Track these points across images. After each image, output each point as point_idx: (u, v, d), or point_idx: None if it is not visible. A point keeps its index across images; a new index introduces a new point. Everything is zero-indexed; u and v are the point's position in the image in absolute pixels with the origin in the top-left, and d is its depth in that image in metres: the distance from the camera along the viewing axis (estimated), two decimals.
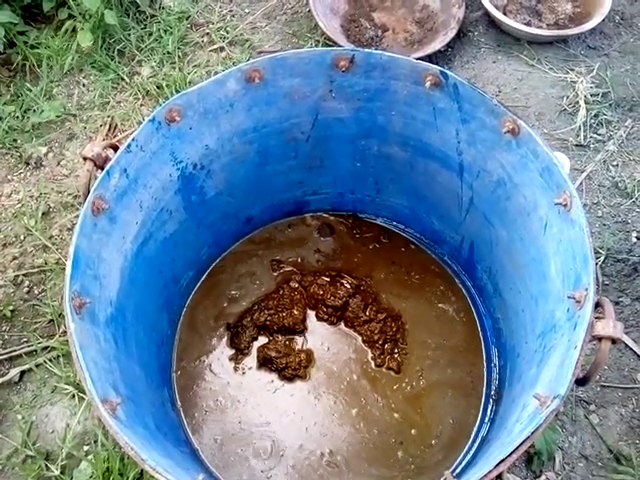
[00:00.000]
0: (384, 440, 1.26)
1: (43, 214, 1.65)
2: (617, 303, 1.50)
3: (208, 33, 1.98)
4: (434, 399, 1.30)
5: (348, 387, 1.32)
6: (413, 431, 1.27)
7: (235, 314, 1.40)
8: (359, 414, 1.29)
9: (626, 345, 1.45)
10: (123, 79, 1.87)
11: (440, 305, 1.42)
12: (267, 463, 1.24)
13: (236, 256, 1.49)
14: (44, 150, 1.77)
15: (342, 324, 1.40)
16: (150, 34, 1.95)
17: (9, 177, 1.73)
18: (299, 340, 1.38)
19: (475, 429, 1.28)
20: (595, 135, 1.78)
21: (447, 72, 1.09)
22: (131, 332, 1.10)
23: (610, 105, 1.82)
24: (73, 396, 1.40)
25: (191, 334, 1.39)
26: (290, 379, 1.32)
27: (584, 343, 0.85)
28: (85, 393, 1.25)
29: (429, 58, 1.83)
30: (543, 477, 1.31)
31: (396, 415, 1.28)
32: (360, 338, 1.37)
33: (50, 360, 1.44)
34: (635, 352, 1.44)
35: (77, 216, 0.97)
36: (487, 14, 1.97)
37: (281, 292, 1.41)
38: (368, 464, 1.24)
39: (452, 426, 1.27)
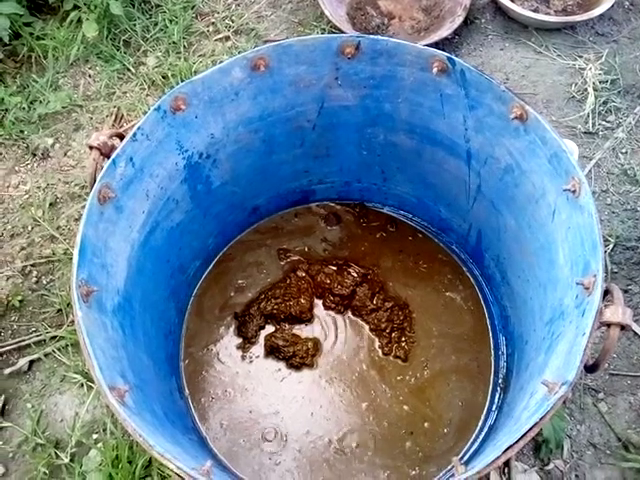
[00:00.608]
0: (392, 429, 1.26)
1: (50, 205, 1.66)
2: (626, 291, 1.49)
3: (213, 22, 1.97)
4: (441, 387, 1.30)
5: (355, 375, 1.32)
6: (423, 420, 1.27)
7: (242, 303, 1.41)
8: (366, 402, 1.29)
9: (635, 333, 1.45)
10: (129, 69, 1.87)
11: (447, 293, 1.42)
12: (274, 450, 1.25)
13: (243, 245, 1.49)
14: (50, 141, 1.77)
15: (349, 313, 1.39)
16: (155, 24, 1.95)
17: (16, 168, 1.74)
18: (306, 329, 1.38)
19: (483, 417, 1.27)
20: (604, 122, 1.76)
21: (454, 58, 1.08)
22: (138, 321, 1.11)
23: (619, 92, 1.80)
24: (82, 385, 1.41)
25: (198, 323, 1.39)
26: (297, 367, 1.32)
27: (592, 329, 0.85)
28: (94, 382, 1.25)
29: (436, 45, 1.81)
30: (551, 465, 1.31)
31: (404, 404, 1.28)
32: (367, 327, 1.37)
33: (59, 349, 1.45)
34: None
35: (84, 206, 0.97)
36: (494, 1, 1.95)
37: (288, 281, 1.41)
38: (375, 452, 1.24)
39: (461, 413, 1.27)
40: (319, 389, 1.31)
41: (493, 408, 1.28)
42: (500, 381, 1.30)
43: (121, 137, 1.05)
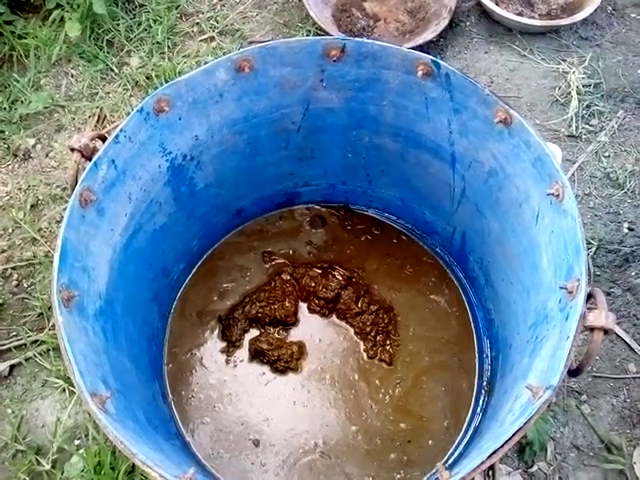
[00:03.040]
0: (377, 432, 1.26)
1: (32, 206, 1.64)
2: (608, 294, 1.50)
3: (198, 23, 1.96)
4: (426, 389, 1.30)
5: (340, 379, 1.32)
6: (407, 424, 1.27)
7: (226, 306, 1.40)
8: (351, 405, 1.29)
9: (618, 336, 1.46)
10: (112, 69, 1.85)
11: (432, 296, 1.42)
12: (259, 454, 1.24)
13: (227, 248, 1.48)
14: (32, 142, 1.74)
15: (334, 316, 1.39)
16: (139, 24, 1.93)
17: None
18: (291, 332, 1.37)
19: (467, 420, 1.28)
20: (587, 126, 1.77)
21: (439, 61, 1.08)
22: (121, 325, 1.09)
23: (602, 96, 1.82)
24: (63, 390, 1.39)
25: (182, 327, 1.38)
26: (282, 371, 1.31)
27: (576, 334, 0.85)
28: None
29: (421, 48, 1.81)
30: (535, 467, 1.32)
31: (389, 409, 1.28)
32: (352, 330, 1.37)
33: (40, 354, 1.43)
34: (626, 343, 1.45)
35: (66, 208, 0.95)
36: (479, 4, 1.96)
37: (272, 284, 1.40)
38: (360, 454, 1.24)
39: (445, 415, 1.27)
40: (304, 393, 1.30)
41: (478, 410, 1.28)
42: (484, 384, 1.30)
43: (103, 139, 1.03)
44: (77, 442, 1.34)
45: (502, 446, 0.79)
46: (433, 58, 1.08)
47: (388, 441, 1.25)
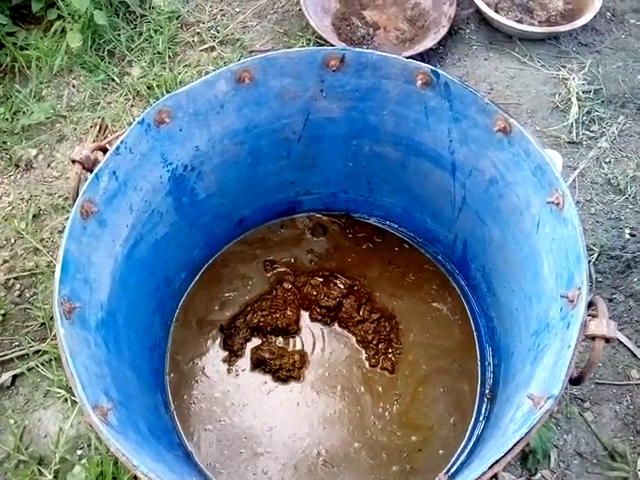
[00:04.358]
0: (379, 441, 1.26)
1: (34, 217, 1.64)
2: (610, 300, 1.50)
3: (199, 32, 1.97)
4: (427, 397, 1.30)
5: (342, 388, 1.31)
6: (410, 433, 1.26)
7: (228, 315, 1.40)
8: (353, 414, 1.28)
9: (620, 342, 1.45)
10: (113, 80, 1.86)
11: (434, 304, 1.42)
12: (261, 462, 1.23)
13: (229, 257, 1.48)
14: (34, 152, 1.75)
15: (336, 324, 1.39)
16: (140, 34, 1.94)
17: None
18: (293, 341, 1.37)
19: (470, 427, 1.27)
20: (587, 132, 1.77)
21: (438, 71, 1.09)
22: (123, 336, 1.09)
23: (602, 102, 1.82)
24: (66, 400, 1.39)
25: (184, 335, 1.38)
26: (284, 380, 1.31)
27: (577, 343, 0.85)
28: None
29: (421, 56, 1.82)
30: (538, 475, 1.31)
31: (392, 419, 1.28)
32: (354, 338, 1.37)
33: (42, 364, 1.43)
34: (629, 349, 1.45)
35: (68, 218, 0.96)
36: (478, 11, 1.96)
37: (274, 293, 1.40)
38: (362, 464, 1.23)
39: (448, 423, 1.27)
40: (306, 402, 1.30)
41: (480, 418, 1.28)
42: (487, 392, 1.30)
43: (104, 150, 1.04)
44: (79, 452, 1.34)
45: (504, 456, 0.80)
46: (432, 68, 1.09)
47: (396, 453, 1.24)
